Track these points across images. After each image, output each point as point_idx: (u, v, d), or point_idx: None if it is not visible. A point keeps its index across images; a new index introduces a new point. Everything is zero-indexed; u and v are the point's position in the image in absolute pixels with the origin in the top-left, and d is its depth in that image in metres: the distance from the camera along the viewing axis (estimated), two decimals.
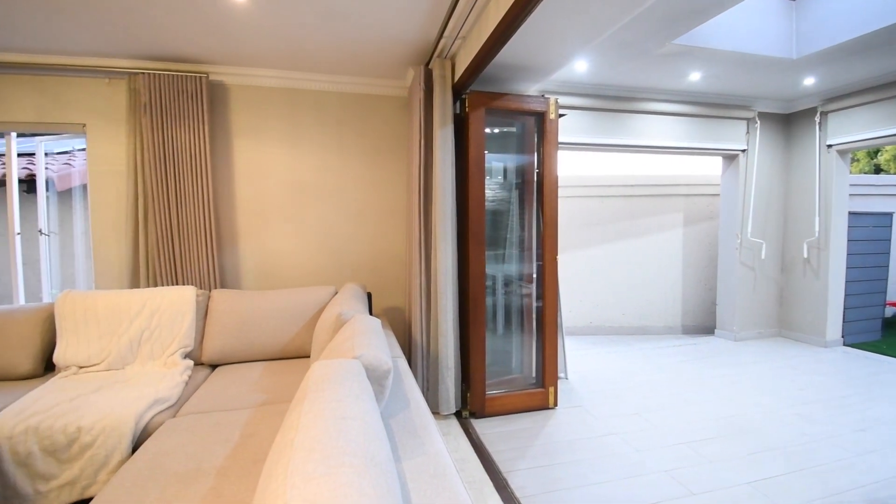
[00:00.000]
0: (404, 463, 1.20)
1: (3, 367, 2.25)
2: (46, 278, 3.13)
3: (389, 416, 1.49)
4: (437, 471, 1.15)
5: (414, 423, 1.44)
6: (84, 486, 1.74)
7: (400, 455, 1.24)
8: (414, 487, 1.08)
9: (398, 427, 1.41)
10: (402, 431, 1.38)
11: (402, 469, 1.17)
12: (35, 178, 3.09)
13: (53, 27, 2.40)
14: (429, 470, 1.16)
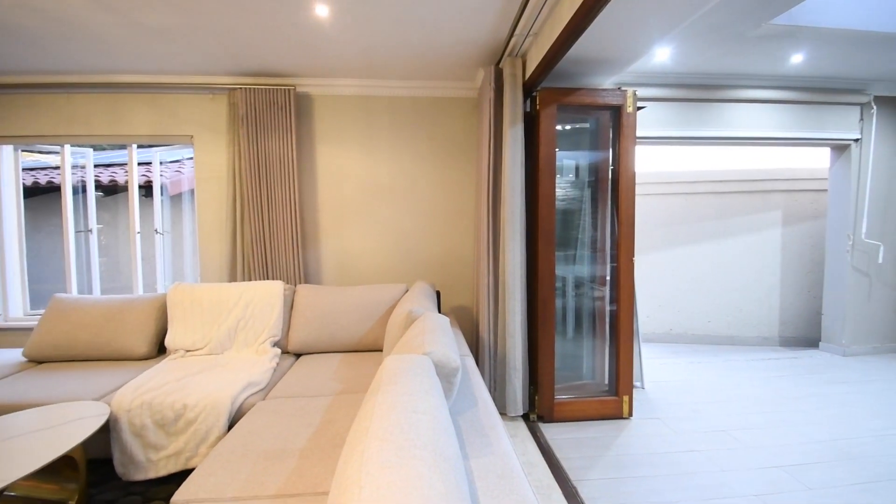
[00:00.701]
0: (472, 461, 1.21)
1: (123, 349, 2.62)
2: (160, 272, 3.59)
3: (457, 414, 1.51)
4: (505, 472, 1.15)
5: (481, 422, 1.45)
6: (187, 457, 1.97)
7: (467, 452, 1.25)
8: (481, 486, 1.09)
9: (466, 425, 1.43)
10: (470, 429, 1.40)
11: (469, 467, 1.18)
12: (152, 183, 3.57)
13: (168, 51, 2.75)
14: (496, 470, 1.16)
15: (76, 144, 3.35)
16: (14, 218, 3.39)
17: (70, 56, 2.80)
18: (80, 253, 3.49)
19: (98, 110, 3.22)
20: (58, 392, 2.11)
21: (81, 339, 2.59)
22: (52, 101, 3.21)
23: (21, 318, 3.37)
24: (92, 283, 3.53)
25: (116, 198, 3.71)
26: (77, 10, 2.23)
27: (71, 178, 3.39)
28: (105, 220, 3.64)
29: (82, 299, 2.78)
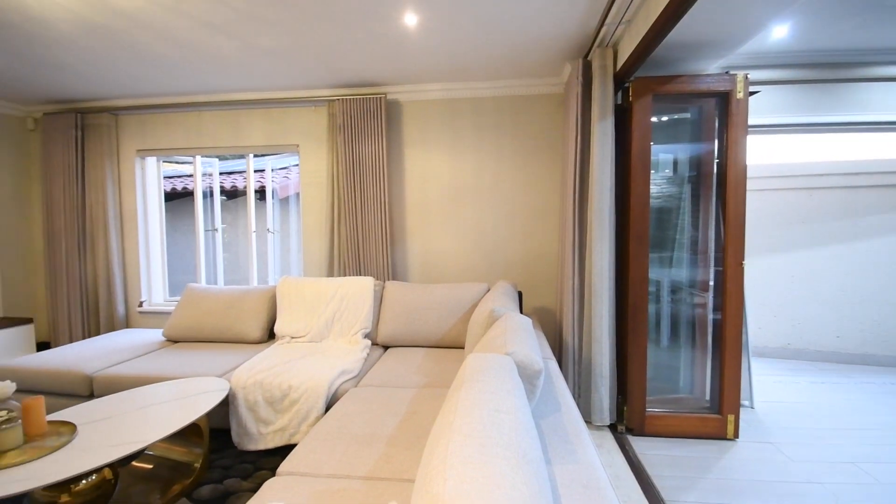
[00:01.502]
0: (555, 467, 1.19)
1: (241, 333, 2.98)
2: (271, 266, 4.04)
3: (539, 417, 1.49)
4: (591, 482, 1.11)
5: (565, 428, 1.42)
6: (291, 433, 2.19)
7: (550, 458, 1.23)
8: (565, 494, 1.06)
9: (549, 429, 1.41)
10: (553, 435, 1.37)
11: (552, 472, 1.16)
12: (265, 188, 4.01)
13: (277, 70, 3.06)
14: (581, 479, 1.13)
15: (205, 155, 3.89)
16: (157, 219, 4.03)
17: (199, 79, 3.25)
18: (207, 249, 4.05)
19: (222, 125, 3.71)
20: (188, 368, 2.48)
21: (208, 324, 3.01)
22: (185, 119, 3.76)
23: (161, 304, 4.00)
24: (217, 275, 4.07)
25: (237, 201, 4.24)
26: (204, 38, 2.59)
27: (201, 184, 3.94)
28: (228, 221, 4.19)
29: (209, 289, 3.22)
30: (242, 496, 1.88)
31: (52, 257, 3.80)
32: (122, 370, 2.44)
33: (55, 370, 2.45)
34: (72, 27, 2.39)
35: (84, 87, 3.44)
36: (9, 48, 2.66)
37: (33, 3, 2.13)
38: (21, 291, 3.98)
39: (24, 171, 4.01)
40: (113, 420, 1.82)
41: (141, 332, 3.25)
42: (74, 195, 3.73)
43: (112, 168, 3.77)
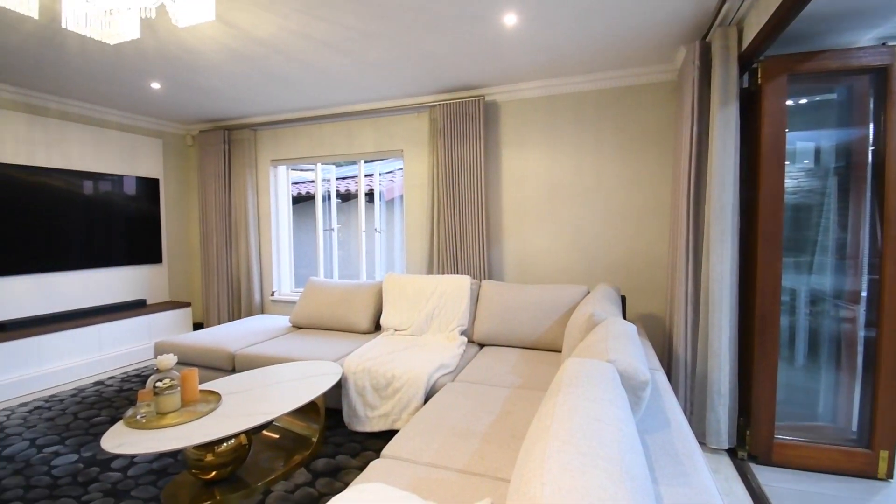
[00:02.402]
0: (662, 488, 1.12)
1: (351, 324, 3.26)
2: (378, 263, 4.37)
3: (644, 433, 1.41)
4: None
5: (675, 447, 1.32)
6: (393, 419, 2.35)
7: (656, 477, 1.16)
8: None
9: (655, 447, 1.32)
10: (661, 453, 1.29)
11: (658, 493, 1.10)
12: (373, 191, 4.34)
13: (384, 81, 3.28)
14: None
15: (324, 162, 4.32)
16: (286, 220, 4.59)
17: (320, 95, 3.62)
18: (325, 246, 4.50)
19: (338, 135, 4.09)
20: (308, 351, 2.79)
21: (325, 313, 3.35)
22: (309, 131, 4.21)
23: (288, 294, 4.55)
24: (333, 270, 4.51)
25: (350, 204, 4.66)
26: (324, 57, 2.88)
27: (321, 188, 4.39)
28: (342, 221, 4.62)
29: (327, 282, 3.59)
30: (351, 472, 2.07)
31: (206, 252, 4.56)
32: (257, 350, 2.83)
33: (206, 347, 2.94)
34: (220, 56, 2.84)
35: (230, 108, 4.05)
36: (174, 77, 3.24)
37: (190, 38, 2.56)
38: (182, 280, 4.85)
39: (185, 181, 4.86)
40: (249, 393, 2.13)
41: (272, 318, 3.75)
42: (223, 200, 4.43)
43: (251, 176, 4.39)
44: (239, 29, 2.43)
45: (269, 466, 2.09)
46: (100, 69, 3.02)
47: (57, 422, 2.68)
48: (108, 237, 4.02)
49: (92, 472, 2.10)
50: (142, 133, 4.39)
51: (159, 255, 4.49)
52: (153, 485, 2.01)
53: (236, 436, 1.95)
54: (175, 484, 1.98)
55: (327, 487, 1.96)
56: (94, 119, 3.98)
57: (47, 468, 2.14)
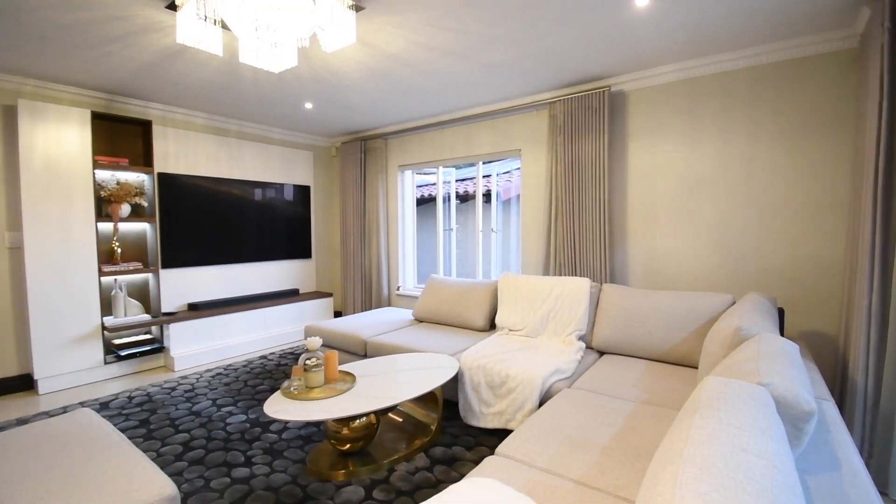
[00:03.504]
0: None
1: (468, 321, 3.36)
2: (494, 263, 4.42)
3: (805, 472, 1.19)
4: None
5: (846, 493, 1.09)
6: (507, 419, 2.36)
7: None
8: None
9: (819, 490, 1.11)
10: (826, 498, 1.07)
11: None
12: (489, 192, 4.40)
13: (502, 81, 3.30)
14: None
15: (445, 165, 4.53)
16: (411, 220, 4.93)
17: (442, 102, 3.80)
18: (445, 245, 4.72)
19: (458, 139, 4.24)
20: (428, 344, 2.95)
21: (443, 309, 3.51)
22: (432, 137, 4.45)
23: (411, 289, 4.87)
24: (451, 268, 4.71)
25: (468, 204, 4.80)
26: (447, 65, 3.00)
27: (442, 190, 4.61)
28: (460, 222, 4.79)
29: (446, 280, 3.76)
30: (466, 464, 2.14)
31: (345, 249, 5.13)
32: (385, 339, 3.10)
33: (344, 333, 3.31)
34: (359, 74, 3.16)
35: (366, 120, 4.49)
36: (323, 97, 3.70)
37: (335, 61, 2.90)
38: (326, 274, 5.53)
39: (329, 187, 5.53)
40: (378, 377, 2.34)
41: (397, 311, 4.06)
42: (359, 203, 4.94)
43: (382, 181, 4.81)
44: (375, 48, 2.68)
45: (393, 447, 2.27)
46: (267, 95, 3.61)
47: (232, 387, 3.28)
48: (272, 236, 4.79)
49: (255, 432, 2.53)
50: (297, 147, 5.13)
51: (309, 252, 5.19)
52: (300, 448, 2.34)
53: (367, 415, 2.17)
54: (318, 450, 2.28)
55: (444, 475, 2.06)
56: (262, 137, 4.77)
57: (223, 424, 2.64)
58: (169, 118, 3.99)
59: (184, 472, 2.12)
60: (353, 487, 1.97)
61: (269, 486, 2.00)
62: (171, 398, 3.05)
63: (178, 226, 3.98)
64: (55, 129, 3.18)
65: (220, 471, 2.12)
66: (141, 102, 3.76)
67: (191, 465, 2.18)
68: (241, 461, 2.21)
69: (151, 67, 2.99)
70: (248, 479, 2.06)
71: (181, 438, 2.46)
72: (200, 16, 2.05)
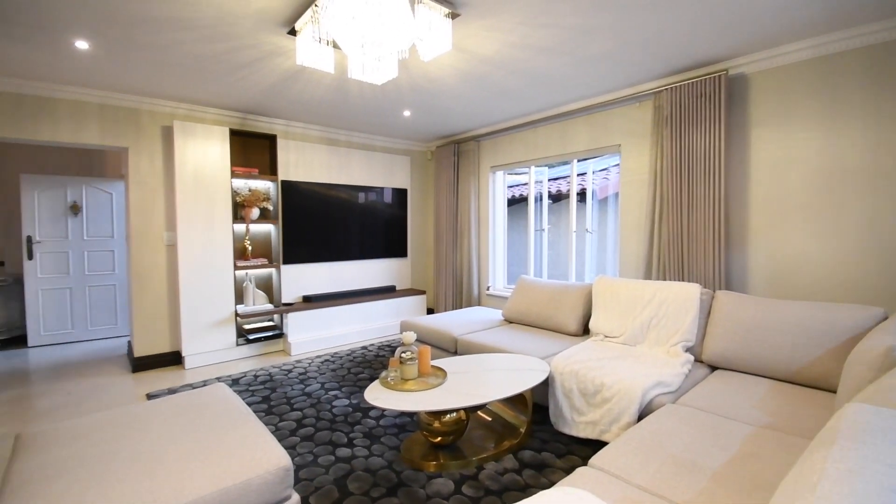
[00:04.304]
0: None
1: (559, 324, 3.25)
2: (588, 264, 4.23)
3: None
4: None
5: None
6: (601, 430, 2.24)
7: None
8: None
9: None
10: None
11: None
12: (585, 191, 4.21)
13: (601, 74, 3.14)
14: None
15: (537, 165, 4.44)
16: (501, 221, 4.93)
17: (535, 100, 3.73)
18: (536, 246, 4.63)
19: (552, 137, 4.14)
20: (518, 345, 2.93)
21: (533, 311, 3.46)
22: (524, 137, 4.40)
23: (501, 290, 4.87)
24: (542, 269, 4.61)
25: (560, 204, 4.67)
26: (541, 63, 2.95)
27: (534, 190, 4.54)
28: (552, 222, 4.67)
29: (536, 281, 3.69)
30: (556, 472, 2.09)
31: (438, 249, 5.31)
32: (475, 338, 3.15)
33: (436, 329, 3.43)
34: (453, 80, 3.24)
35: (459, 124, 4.60)
36: (420, 104, 3.87)
37: (432, 68, 3.01)
38: (420, 272, 5.77)
39: (424, 189, 5.77)
40: (468, 375, 2.39)
41: (487, 311, 4.09)
42: (451, 204, 5.07)
43: (474, 182, 4.89)
44: (469, 53, 2.74)
45: (482, 445, 2.30)
46: (371, 105, 3.89)
47: (337, 373, 3.59)
48: (372, 236, 5.15)
49: (356, 416, 2.75)
50: (396, 153, 5.44)
51: (405, 251, 5.47)
52: (395, 436, 2.48)
53: (458, 410, 2.23)
54: (411, 440, 2.40)
55: (533, 479, 2.03)
56: (367, 144, 5.14)
57: (330, 406, 2.90)
58: (290, 132, 4.50)
59: (296, 446, 2.38)
60: (444, 480, 2.04)
61: (368, 468, 2.16)
62: (287, 379, 3.44)
63: (296, 227, 4.48)
64: (202, 145, 3.78)
65: (326, 448, 2.35)
66: (267, 119, 4.30)
67: (302, 440, 2.44)
68: (344, 442, 2.42)
69: (276, 88, 3.40)
70: (349, 459, 2.24)
71: (295, 416, 2.76)
72: (316, 38, 2.29)
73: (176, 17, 2.28)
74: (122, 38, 2.53)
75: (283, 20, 2.35)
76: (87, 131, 3.47)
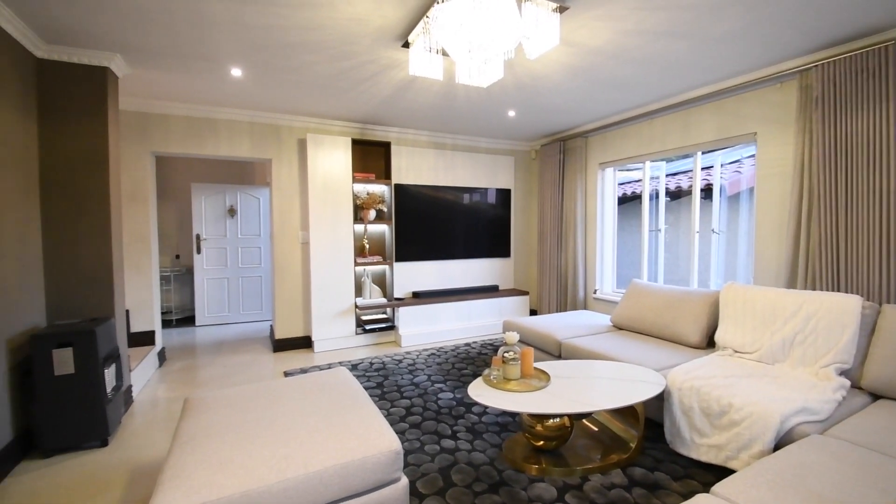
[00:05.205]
0: None
1: (678, 334, 2.97)
2: (714, 269, 3.78)
3: None
4: None
5: None
6: (727, 456, 2.01)
7: None
8: None
9: None
10: None
11: None
12: (711, 186, 3.77)
13: (731, 55, 2.78)
14: None
15: (653, 160, 4.10)
16: (611, 221, 4.66)
17: (651, 90, 3.45)
18: (651, 248, 4.29)
19: (671, 128, 3.79)
20: (628, 354, 2.75)
21: (647, 318, 3.21)
22: (638, 130, 4.10)
23: (609, 294, 4.60)
24: (657, 273, 4.25)
25: (680, 202, 4.25)
26: (659, 49, 2.72)
27: (648, 187, 4.20)
28: (670, 221, 4.27)
29: (651, 286, 3.43)
30: (671, 495, 1.93)
31: (541, 250, 5.22)
32: (581, 343, 3.03)
33: (539, 331, 3.38)
34: (559, 75, 3.16)
35: (565, 121, 4.46)
36: (524, 103, 3.84)
37: (537, 66, 2.97)
38: (523, 273, 5.73)
39: (528, 189, 5.71)
40: (573, 380, 2.32)
41: (594, 315, 3.91)
42: (556, 204, 4.95)
43: (581, 180, 4.70)
44: (577, 46, 2.65)
45: (587, 455, 2.22)
46: (476, 108, 3.98)
47: (442, 367, 3.75)
48: (476, 235, 5.26)
49: (460, 410, 2.84)
50: (500, 153, 5.48)
51: (508, 251, 5.49)
52: (497, 434, 2.52)
53: (562, 416, 2.19)
54: (513, 440, 2.41)
55: (644, 500, 1.90)
56: (471, 147, 5.26)
57: (435, 398, 3.05)
58: (402, 138, 4.82)
59: (405, 432, 2.56)
60: (546, 485, 2.02)
61: (471, 461, 2.23)
62: (398, 368, 3.70)
63: (406, 227, 4.80)
64: (329, 154, 4.25)
65: (431, 438, 2.48)
66: (382, 128, 4.66)
67: (410, 427, 2.61)
68: (448, 433, 2.53)
69: (391, 98, 3.67)
70: (453, 450, 2.34)
71: (404, 404, 2.97)
72: (427, 48, 2.42)
73: (308, 41, 2.60)
74: (266, 64, 2.96)
75: (397, 34, 2.53)
76: (241, 146, 4.13)
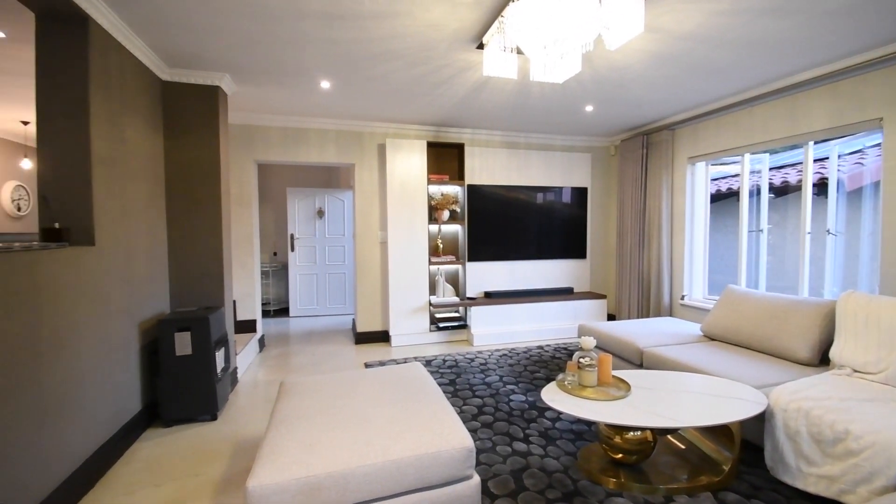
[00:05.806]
0: None
1: (783, 348, 2.65)
2: (829, 276, 3.30)
3: None
4: None
5: None
6: (841, 489, 1.75)
7: None
8: None
9: None
10: None
11: None
12: (825, 181, 3.30)
13: (847, 32, 2.41)
14: None
15: (753, 152, 3.70)
16: (702, 220, 4.28)
17: (750, 75, 3.11)
18: (750, 250, 3.87)
19: (775, 116, 3.39)
20: (721, 368, 2.50)
21: (745, 329, 2.90)
22: (735, 119, 3.72)
23: (700, 300, 4.23)
24: (758, 279, 3.82)
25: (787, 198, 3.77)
26: (758, 30, 2.44)
27: (747, 182, 3.80)
28: (774, 221, 3.81)
29: (750, 293, 3.09)
30: None
31: (621, 250, 4.95)
32: (665, 352, 2.83)
33: (618, 338, 3.21)
34: (643, 65, 2.97)
35: (649, 113, 4.18)
36: (603, 97, 3.67)
37: (618, 56, 2.81)
38: (600, 275, 5.48)
39: (606, 187, 5.45)
40: (656, 392, 2.17)
41: (681, 323, 3.62)
42: (637, 202, 4.66)
43: (667, 176, 4.38)
44: (663, 32, 2.47)
45: (672, 474, 2.07)
46: (551, 105, 3.88)
47: (514, 368, 3.72)
48: (550, 236, 5.14)
49: (532, 414, 2.80)
50: (576, 151, 5.29)
51: (584, 252, 5.28)
52: (572, 442, 2.44)
53: (644, 429, 2.06)
54: (589, 450, 2.32)
55: None
56: (545, 145, 5.14)
57: (507, 399, 3.03)
58: (475, 139, 4.86)
59: (477, 431, 2.57)
60: (625, 501, 1.91)
61: (543, 467, 2.18)
62: (470, 367, 3.73)
63: (479, 227, 4.83)
64: (406, 157, 4.42)
65: (503, 439, 2.47)
66: (456, 130, 4.73)
67: (482, 427, 2.63)
68: (520, 436, 2.50)
69: (465, 100, 3.72)
70: (525, 454, 2.31)
71: (476, 402, 2.99)
72: (501, 47, 2.42)
73: (388, 49, 2.72)
74: (350, 74, 3.14)
75: (472, 36, 2.55)
76: (328, 152, 4.43)
